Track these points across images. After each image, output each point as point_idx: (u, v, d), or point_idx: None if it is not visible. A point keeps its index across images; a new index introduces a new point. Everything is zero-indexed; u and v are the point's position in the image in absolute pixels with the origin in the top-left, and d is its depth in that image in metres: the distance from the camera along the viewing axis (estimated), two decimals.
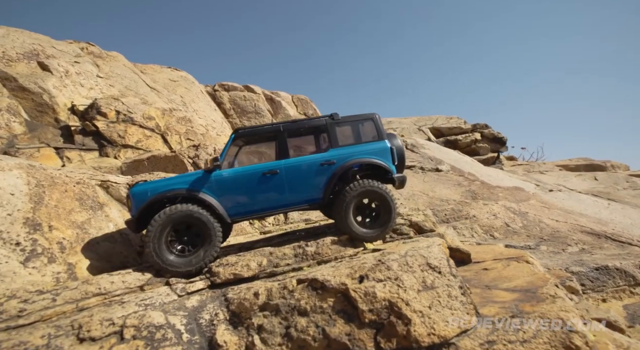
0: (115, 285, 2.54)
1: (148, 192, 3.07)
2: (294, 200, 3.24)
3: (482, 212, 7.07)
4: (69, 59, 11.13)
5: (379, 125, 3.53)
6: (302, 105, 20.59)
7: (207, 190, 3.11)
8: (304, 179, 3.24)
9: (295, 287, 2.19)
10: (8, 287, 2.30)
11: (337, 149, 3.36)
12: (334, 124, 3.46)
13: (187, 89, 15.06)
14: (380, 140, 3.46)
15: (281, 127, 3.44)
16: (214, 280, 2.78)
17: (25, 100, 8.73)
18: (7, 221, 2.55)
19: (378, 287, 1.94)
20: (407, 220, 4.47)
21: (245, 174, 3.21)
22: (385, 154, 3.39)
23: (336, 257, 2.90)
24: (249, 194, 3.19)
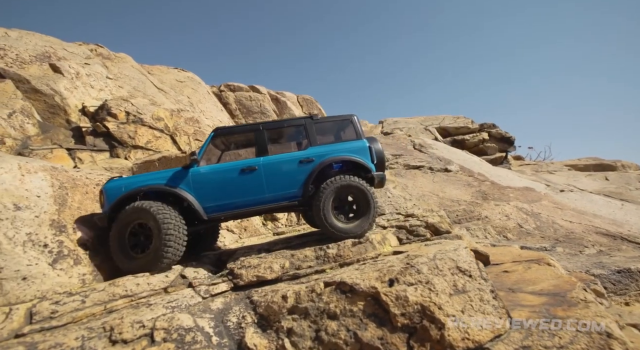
0: (140, 287, 2.56)
1: (122, 188, 3.03)
2: (273, 197, 3.22)
3: (494, 213, 7.01)
4: (80, 61, 11.25)
5: (357, 126, 3.57)
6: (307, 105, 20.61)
7: (184, 186, 3.07)
8: (282, 176, 3.25)
9: (323, 290, 2.19)
10: (39, 289, 2.33)
11: (315, 147, 3.40)
12: (313, 123, 3.52)
13: (194, 89, 15.15)
14: (358, 140, 3.49)
15: (260, 126, 3.48)
16: (237, 282, 2.79)
17: (38, 102, 8.84)
18: (35, 223, 2.59)
19: (409, 290, 1.93)
20: (423, 222, 4.44)
21: (223, 170, 3.19)
22: (363, 152, 3.41)
23: (358, 259, 2.90)
24: (226, 191, 3.14)
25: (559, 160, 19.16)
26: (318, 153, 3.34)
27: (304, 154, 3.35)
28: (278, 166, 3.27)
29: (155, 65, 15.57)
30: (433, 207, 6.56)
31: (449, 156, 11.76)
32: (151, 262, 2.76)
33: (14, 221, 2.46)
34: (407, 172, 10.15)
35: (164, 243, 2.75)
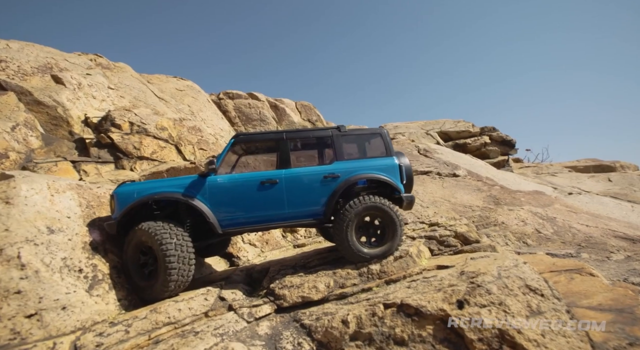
0: (183, 313, 2.43)
1: (134, 194, 2.83)
2: (293, 214, 3.01)
3: (510, 218, 6.99)
4: (81, 71, 11.09)
5: (387, 141, 3.38)
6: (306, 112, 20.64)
7: (200, 197, 2.87)
8: (304, 192, 3.03)
9: (384, 312, 2.09)
10: (78, 318, 2.18)
11: (342, 162, 3.18)
12: (340, 136, 3.30)
13: (194, 98, 15.05)
14: (388, 157, 3.29)
15: (284, 135, 3.24)
16: (281, 303, 2.67)
17: (40, 114, 8.64)
18: (68, 247, 2.44)
19: (484, 313, 1.85)
20: (452, 231, 4.38)
21: (242, 181, 2.98)
22: (393, 171, 3.21)
23: (404, 275, 2.80)
24: (244, 204, 2.95)
25: (558, 162, 19.44)
26: (344, 169, 3.13)
27: (328, 169, 3.12)
28: (300, 181, 3.05)
29: (154, 75, 15.45)
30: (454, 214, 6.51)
31: (455, 161, 11.80)
32: (159, 290, 2.58)
33: (49, 246, 2.31)
34: (415, 178, 10.14)
35: (166, 266, 2.55)
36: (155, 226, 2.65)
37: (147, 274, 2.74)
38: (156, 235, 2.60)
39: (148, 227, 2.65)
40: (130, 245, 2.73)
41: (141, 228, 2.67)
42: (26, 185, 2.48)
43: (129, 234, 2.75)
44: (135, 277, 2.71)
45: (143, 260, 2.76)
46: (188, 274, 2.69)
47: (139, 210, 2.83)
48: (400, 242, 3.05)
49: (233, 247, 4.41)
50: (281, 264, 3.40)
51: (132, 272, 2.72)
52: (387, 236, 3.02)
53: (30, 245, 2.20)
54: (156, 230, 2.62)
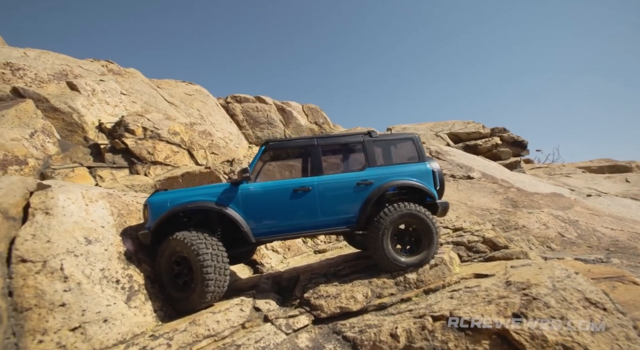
0: (221, 325, 2.39)
1: (167, 203, 2.81)
2: (326, 222, 2.97)
3: (531, 222, 6.84)
4: (95, 78, 11.25)
5: (419, 146, 3.31)
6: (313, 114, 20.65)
7: (233, 205, 2.83)
8: (338, 199, 3.00)
9: (434, 326, 2.02)
10: (119, 331, 2.15)
11: (374, 169, 3.12)
12: (372, 141, 3.25)
13: (203, 102, 15.16)
14: (420, 162, 3.23)
15: (315, 141, 3.22)
16: (318, 314, 2.61)
17: (56, 120, 8.75)
18: (105, 257, 2.42)
19: (545, 328, 1.77)
20: (479, 237, 4.28)
21: (275, 189, 2.95)
22: (427, 177, 3.15)
23: (443, 284, 2.72)
24: (277, 212, 2.93)
25: (570, 162, 19.09)
26: (377, 175, 3.07)
27: (361, 176, 3.07)
28: (334, 188, 3.01)
29: (164, 79, 15.62)
30: (476, 218, 6.39)
31: (468, 163, 11.65)
32: (196, 301, 2.55)
33: (87, 257, 2.29)
34: None
35: (203, 277, 2.52)
36: (190, 236, 2.61)
37: (181, 284, 2.70)
38: (192, 246, 2.56)
39: (183, 237, 2.61)
40: (164, 255, 2.70)
41: (176, 238, 2.63)
42: (63, 195, 2.47)
43: (162, 244, 2.72)
44: (169, 288, 2.68)
45: (177, 270, 2.73)
46: (224, 284, 2.66)
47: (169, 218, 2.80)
48: (436, 251, 2.99)
49: (257, 254, 4.36)
50: (311, 272, 3.34)
51: (166, 283, 2.69)
52: (424, 244, 2.95)
53: (71, 257, 2.18)
54: (192, 241, 2.58)
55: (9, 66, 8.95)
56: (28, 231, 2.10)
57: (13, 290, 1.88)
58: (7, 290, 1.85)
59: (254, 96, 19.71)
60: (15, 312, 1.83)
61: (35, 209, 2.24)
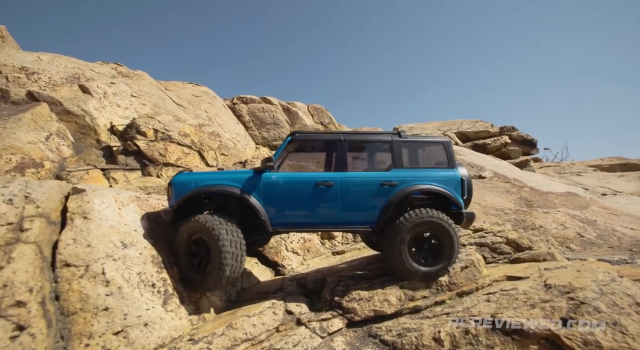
0: (257, 329, 2.38)
1: (191, 184, 2.87)
2: (346, 219, 2.93)
3: (548, 222, 6.76)
4: (106, 81, 11.34)
5: (450, 151, 3.18)
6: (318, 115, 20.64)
7: (255, 193, 2.85)
8: (359, 197, 2.94)
9: (477, 330, 1.99)
10: (159, 335, 2.16)
11: (400, 170, 3.04)
12: (400, 142, 3.16)
13: (210, 103, 15.22)
14: (450, 168, 3.11)
15: (342, 136, 3.17)
16: (351, 317, 2.60)
17: (70, 123, 8.84)
18: (140, 261, 2.43)
19: (598, 334, 1.74)
20: (503, 238, 4.24)
21: (297, 180, 2.94)
22: (455, 185, 3.02)
23: (476, 287, 2.69)
24: (297, 204, 2.92)
25: (580, 161, 18.84)
26: (403, 177, 2.99)
27: (386, 176, 3.00)
28: (356, 185, 2.95)
29: (171, 81, 15.71)
30: (495, 219, 6.33)
31: (479, 162, 11.56)
32: (211, 283, 2.60)
33: (125, 261, 2.30)
34: None
35: (221, 262, 2.55)
36: (212, 221, 2.64)
37: (196, 264, 2.74)
38: (213, 231, 2.59)
39: (205, 221, 2.64)
40: (184, 234, 2.73)
41: (198, 220, 2.66)
42: (98, 199, 2.48)
43: (182, 224, 2.76)
44: (184, 267, 2.71)
45: (195, 250, 2.76)
46: (238, 270, 2.69)
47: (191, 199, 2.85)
48: (455, 261, 2.88)
49: (278, 255, 4.36)
50: (337, 274, 3.33)
51: (182, 261, 2.72)
52: (444, 254, 2.82)
53: (110, 261, 2.19)
54: (214, 225, 2.61)
55: (24, 70, 9.05)
56: (69, 235, 2.12)
57: (59, 294, 1.89)
58: (54, 294, 1.87)
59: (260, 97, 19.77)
60: (62, 316, 1.84)
61: (73, 213, 2.26)
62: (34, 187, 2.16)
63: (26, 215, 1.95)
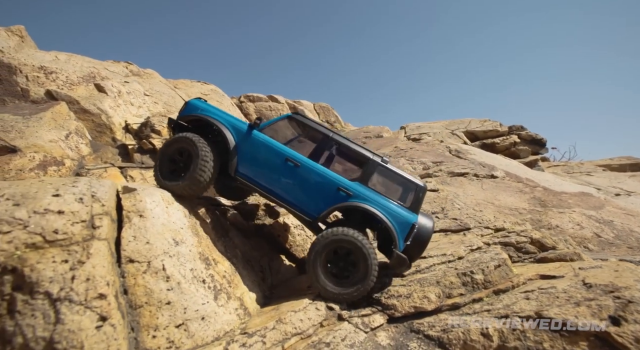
0: (304, 323, 2.48)
1: (199, 109, 3.40)
2: (297, 201, 3.15)
3: (564, 222, 6.80)
4: (120, 79, 11.46)
5: (418, 196, 3.14)
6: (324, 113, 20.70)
7: (238, 140, 3.23)
8: (316, 189, 3.11)
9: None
10: (214, 328, 2.26)
11: (362, 186, 3.11)
12: (377, 165, 3.21)
13: (219, 102, 15.32)
14: (410, 211, 3.07)
15: (331, 134, 3.37)
16: (392, 313, 2.69)
17: (86, 121, 8.97)
18: (191, 258, 2.53)
19: None
20: (527, 237, 4.31)
21: (272, 147, 3.21)
22: (403, 225, 2.98)
23: (512, 285, 2.77)
24: (263, 166, 3.20)
25: (589, 160, 18.76)
26: (359, 192, 3.06)
27: (347, 184, 3.10)
28: (317, 177, 3.11)
29: (179, 80, 15.82)
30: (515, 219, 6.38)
31: (490, 162, 11.57)
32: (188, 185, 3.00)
33: (179, 258, 2.40)
34: (452, 179, 9.98)
35: (200, 167, 3.02)
36: (196, 138, 3.13)
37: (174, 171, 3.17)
38: (195, 144, 3.08)
39: (192, 137, 3.12)
40: (172, 145, 3.20)
41: (185, 137, 3.14)
42: (149, 198, 2.58)
43: (171, 138, 3.25)
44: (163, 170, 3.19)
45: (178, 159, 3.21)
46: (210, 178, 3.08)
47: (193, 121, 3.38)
48: (370, 285, 2.80)
49: (304, 252, 4.46)
50: None
51: (163, 166, 3.19)
52: (357, 277, 2.80)
53: (167, 258, 2.29)
54: (195, 141, 3.11)
55: (42, 70, 9.18)
56: (129, 233, 2.22)
57: (127, 288, 1.99)
58: (122, 288, 1.96)
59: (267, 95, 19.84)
60: (131, 308, 1.94)
61: (129, 211, 2.35)
62: (97, 186, 2.26)
63: (95, 213, 2.04)
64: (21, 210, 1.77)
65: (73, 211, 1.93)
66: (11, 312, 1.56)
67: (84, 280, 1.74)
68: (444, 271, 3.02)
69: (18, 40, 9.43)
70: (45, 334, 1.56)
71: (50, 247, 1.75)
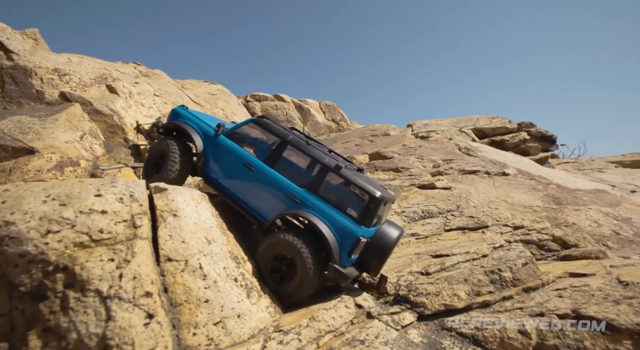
0: (337, 321, 2.50)
1: (179, 117, 3.76)
2: (251, 204, 3.19)
3: (581, 219, 6.73)
4: (130, 80, 11.58)
5: (370, 208, 2.91)
6: (330, 111, 20.66)
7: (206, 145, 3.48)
8: (267, 194, 3.12)
9: (563, 324, 2.07)
10: (250, 326, 2.29)
11: (310, 194, 3.00)
12: (331, 172, 3.06)
13: (226, 101, 15.40)
14: (356, 223, 2.88)
15: (290, 137, 3.32)
16: (421, 311, 2.69)
17: (99, 122, 9.08)
18: (223, 257, 2.56)
19: None
20: (549, 235, 4.27)
21: (231, 151, 3.35)
22: (348, 238, 2.84)
23: (542, 283, 2.76)
24: (225, 169, 3.39)
25: (599, 157, 18.48)
26: (306, 200, 2.98)
27: (295, 191, 3.03)
28: (269, 182, 3.12)
29: (187, 80, 15.92)
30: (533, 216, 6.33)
31: (500, 159, 11.47)
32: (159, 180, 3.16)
33: (212, 256, 2.43)
34: (464, 177, 9.90)
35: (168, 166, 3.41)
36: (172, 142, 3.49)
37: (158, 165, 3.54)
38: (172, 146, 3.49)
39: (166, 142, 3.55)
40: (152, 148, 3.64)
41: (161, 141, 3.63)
42: (180, 198, 2.61)
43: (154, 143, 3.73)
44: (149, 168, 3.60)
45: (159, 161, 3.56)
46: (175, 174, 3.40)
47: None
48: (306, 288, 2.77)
49: None
50: (395, 270, 3.42)
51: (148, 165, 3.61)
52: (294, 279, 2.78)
53: (202, 256, 2.32)
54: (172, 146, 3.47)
55: (56, 72, 9.30)
56: (165, 232, 2.25)
57: (167, 286, 2.02)
58: (163, 286, 2.00)
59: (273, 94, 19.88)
60: (171, 306, 1.98)
61: (162, 211, 2.39)
62: (133, 186, 2.29)
63: (135, 212, 2.08)
64: (68, 210, 1.81)
65: (115, 211, 1.97)
66: (64, 309, 1.60)
67: (131, 279, 1.78)
68: (470, 269, 3.02)
69: (32, 43, 9.56)
70: (98, 330, 1.60)
71: (97, 246, 1.79)
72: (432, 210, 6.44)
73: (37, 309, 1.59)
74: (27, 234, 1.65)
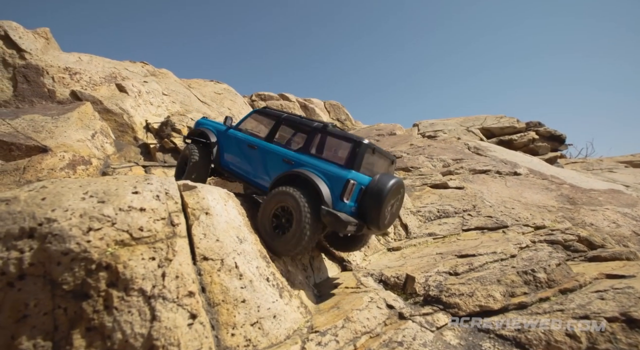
0: (371, 322, 2.44)
1: (200, 125, 4.53)
2: (257, 178, 3.61)
3: (598, 220, 6.63)
4: (139, 79, 11.58)
5: (356, 152, 3.01)
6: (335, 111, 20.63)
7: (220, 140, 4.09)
8: (267, 164, 3.54)
9: (612, 327, 2.00)
10: (285, 327, 2.23)
11: (302, 155, 3.33)
12: (318, 131, 3.41)
13: (233, 101, 15.38)
14: (343, 167, 3.00)
15: (283, 116, 3.80)
16: (455, 312, 2.63)
17: (109, 121, 9.08)
18: (254, 256, 2.50)
19: None
20: (574, 235, 4.19)
21: (239, 138, 3.91)
22: (337, 183, 2.90)
23: (579, 284, 2.68)
24: (235, 155, 3.91)
25: (608, 157, 18.30)
26: (299, 160, 3.28)
27: (288, 155, 3.40)
28: (268, 154, 3.55)
29: (193, 79, 15.93)
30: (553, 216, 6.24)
31: (511, 159, 11.37)
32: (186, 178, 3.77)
33: (245, 255, 2.38)
34: (475, 177, 9.81)
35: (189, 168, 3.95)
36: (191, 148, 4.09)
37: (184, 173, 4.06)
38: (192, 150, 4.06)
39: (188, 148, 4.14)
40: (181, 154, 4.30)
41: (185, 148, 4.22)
42: (210, 196, 2.56)
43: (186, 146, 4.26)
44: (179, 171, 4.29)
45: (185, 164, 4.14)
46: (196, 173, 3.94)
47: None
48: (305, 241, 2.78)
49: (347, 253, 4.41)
50: (421, 270, 3.35)
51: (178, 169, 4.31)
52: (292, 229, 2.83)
53: (237, 255, 2.27)
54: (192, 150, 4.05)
55: (67, 71, 9.31)
56: (199, 230, 2.20)
57: (204, 286, 1.97)
58: (200, 286, 1.95)
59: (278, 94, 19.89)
60: (209, 306, 1.93)
61: (194, 209, 2.34)
62: (167, 184, 2.25)
63: (171, 210, 2.03)
64: (108, 208, 1.77)
65: (153, 208, 1.92)
66: (108, 308, 1.56)
67: (174, 278, 1.73)
68: (501, 269, 2.95)
69: (44, 43, 9.57)
70: (143, 330, 1.55)
71: (138, 245, 1.75)
72: (448, 210, 6.37)
73: (81, 308, 1.55)
74: (69, 231, 1.61)
